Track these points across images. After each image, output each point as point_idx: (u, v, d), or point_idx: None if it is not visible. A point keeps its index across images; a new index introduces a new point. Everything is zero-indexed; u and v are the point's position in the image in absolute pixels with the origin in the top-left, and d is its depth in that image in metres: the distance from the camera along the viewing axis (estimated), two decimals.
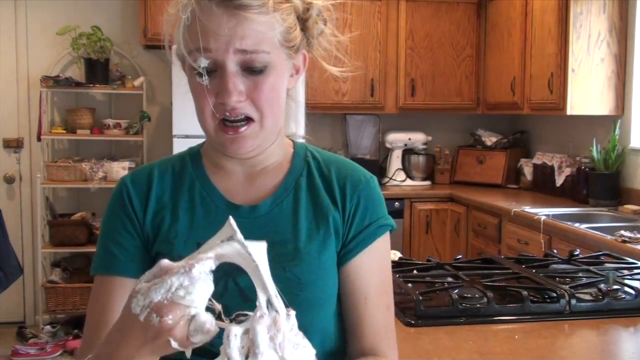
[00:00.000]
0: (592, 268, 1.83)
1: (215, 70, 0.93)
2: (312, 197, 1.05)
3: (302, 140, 1.15)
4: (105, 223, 1.05)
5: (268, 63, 0.94)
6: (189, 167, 1.07)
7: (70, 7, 4.37)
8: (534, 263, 1.92)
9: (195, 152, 1.10)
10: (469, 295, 1.56)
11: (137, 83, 4.31)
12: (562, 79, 3.53)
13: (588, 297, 1.60)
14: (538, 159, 4.18)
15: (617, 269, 1.85)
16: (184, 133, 3.91)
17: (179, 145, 3.89)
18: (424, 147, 4.68)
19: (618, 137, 3.46)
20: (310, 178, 1.06)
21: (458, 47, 4.57)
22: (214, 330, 0.72)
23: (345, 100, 4.44)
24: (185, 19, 0.92)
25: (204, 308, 0.73)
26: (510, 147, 4.60)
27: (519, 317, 1.52)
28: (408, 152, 4.66)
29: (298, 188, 1.05)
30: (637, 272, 1.84)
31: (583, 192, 3.60)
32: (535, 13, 3.82)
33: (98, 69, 4.24)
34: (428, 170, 4.72)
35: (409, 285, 1.64)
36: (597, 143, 3.54)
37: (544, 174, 4.07)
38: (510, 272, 1.81)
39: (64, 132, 4.28)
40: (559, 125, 4.24)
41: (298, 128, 1.18)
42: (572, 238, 2.90)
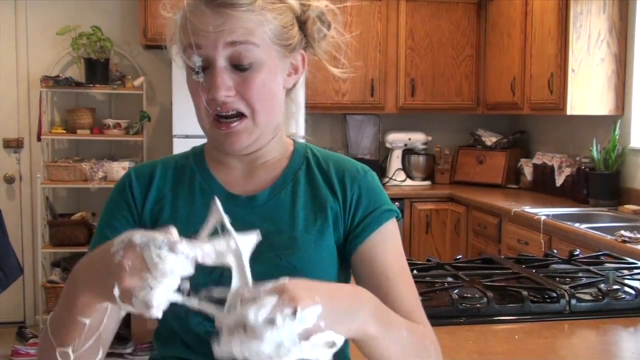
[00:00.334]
0: (592, 268, 1.83)
1: (208, 67, 0.97)
2: (310, 189, 1.07)
3: (302, 141, 1.17)
4: (104, 210, 1.10)
5: (256, 59, 0.96)
6: (192, 162, 1.11)
7: (70, 7, 4.37)
8: (534, 263, 1.92)
9: (199, 150, 1.14)
10: (469, 295, 1.56)
11: (137, 83, 4.31)
12: (562, 79, 3.53)
13: (588, 297, 1.60)
14: (538, 159, 4.18)
15: (617, 269, 1.85)
16: (184, 133, 3.91)
17: (179, 145, 3.89)
18: (424, 147, 4.68)
19: (618, 137, 3.46)
20: (309, 172, 1.09)
21: (458, 47, 4.57)
22: (155, 313, 0.72)
23: (345, 100, 4.44)
24: (178, 18, 0.97)
25: (167, 283, 0.71)
26: (510, 147, 4.61)
27: (519, 317, 1.52)
28: (408, 152, 4.66)
29: (296, 181, 1.08)
30: (637, 272, 1.83)
31: (583, 192, 3.60)
32: (535, 13, 3.82)
33: (98, 69, 4.25)
34: (428, 170, 4.72)
35: None
36: (597, 143, 3.54)
37: (544, 174, 4.07)
38: (510, 272, 1.81)
39: (64, 132, 4.28)
40: (559, 125, 4.24)
41: (298, 128, 1.19)
42: (572, 238, 2.90)
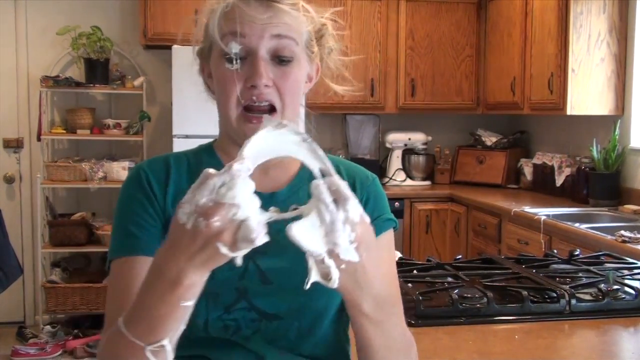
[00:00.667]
0: (592, 268, 1.83)
1: (246, 58, 0.99)
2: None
3: None
4: (123, 207, 1.04)
5: (295, 55, 1.01)
6: (204, 158, 1.10)
7: (70, 7, 4.37)
8: (534, 263, 1.92)
9: (208, 147, 1.13)
10: (469, 295, 1.56)
11: (137, 83, 4.31)
12: (562, 79, 3.53)
13: (588, 297, 1.60)
14: (538, 159, 4.18)
15: (617, 269, 1.85)
16: (184, 133, 3.91)
17: (179, 145, 3.88)
18: (424, 147, 4.68)
19: (618, 137, 3.46)
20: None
21: (458, 47, 4.57)
22: (260, 240, 0.73)
23: (345, 100, 4.44)
24: (224, 7, 1.00)
25: (249, 207, 0.73)
26: (510, 147, 4.60)
27: (519, 317, 1.52)
28: (408, 152, 4.66)
29: (313, 179, 1.09)
30: (637, 272, 1.83)
31: (583, 192, 3.60)
32: (535, 13, 3.82)
33: (98, 69, 4.25)
34: (428, 170, 4.72)
35: (409, 285, 1.64)
36: (597, 143, 3.54)
37: (544, 174, 4.07)
38: (510, 272, 1.81)
39: (64, 132, 4.28)
40: (559, 125, 4.24)
41: (298, 128, 1.19)
42: (572, 238, 2.90)
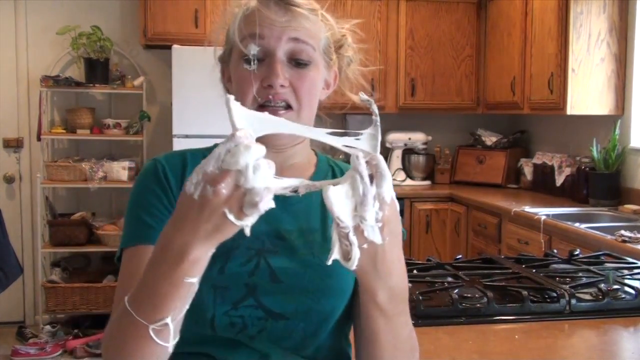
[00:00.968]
0: (592, 268, 1.83)
1: (264, 59, 1.01)
2: None
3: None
4: (137, 197, 1.05)
5: (312, 59, 1.03)
6: None
7: (70, 7, 4.37)
8: (534, 263, 1.92)
9: None
10: (469, 295, 1.56)
11: (137, 83, 4.31)
12: (562, 79, 3.53)
13: (588, 297, 1.60)
14: (538, 159, 4.18)
15: (617, 269, 1.85)
16: (184, 133, 3.91)
17: (179, 145, 3.88)
18: (424, 147, 4.68)
19: (618, 137, 3.46)
20: (335, 178, 1.11)
21: (458, 47, 4.57)
22: (267, 198, 0.73)
23: (346, 100, 4.43)
24: (245, 10, 1.02)
25: (256, 175, 0.73)
26: (510, 147, 4.61)
27: (519, 317, 1.52)
28: (408, 152, 4.66)
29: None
30: (637, 272, 1.83)
31: (583, 192, 3.60)
32: (535, 13, 3.82)
33: (98, 69, 4.25)
34: (428, 170, 4.72)
35: (409, 285, 1.63)
36: (597, 143, 3.54)
37: (544, 174, 4.07)
38: (510, 272, 1.81)
39: (64, 132, 4.28)
40: (559, 125, 4.24)
41: None
42: (572, 238, 2.90)
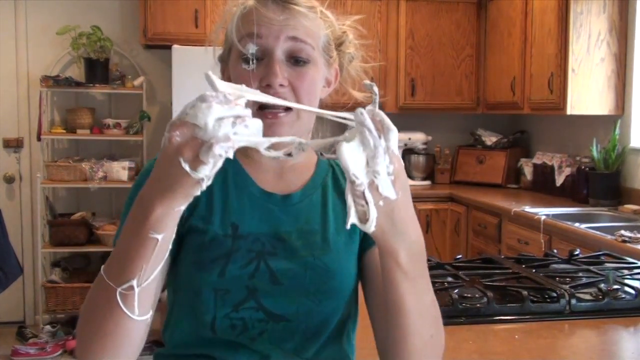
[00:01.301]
0: (592, 268, 1.83)
1: (262, 58, 1.00)
2: (338, 194, 1.11)
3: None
4: (136, 194, 1.05)
5: (312, 58, 1.02)
6: None
7: (70, 7, 4.37)
8: (534, 263, 1.92)
9: None
10: (469, 295, 1.56)
11: (137, 83, 4.31)
12: (562, 79, 3.53)
13: (588, 297, 1.60)
14: (538, 159, 4.18)
15: (617, 269, 1.85)
16: None
17: None
18: (424, 146, 4.68)
19: (618, 137, 3.46)
20: (335, 179, 1.13)
21: (458, 47, 4.57)
22: (228, 147, 0.74)
23: (345, 100, 4.43)
24: (243, 9, 1.02)
25: (216, 130, 0.74)
26: (510, 146, 4.60)
27: (519, 317, 1.52)
28: (408, 151, 4.66)
29: (325, 186, 1.11)
30: (637, 272, 1.83)
31: (583, 191, 3.60)
32: (535, 13, 3.82)
33: (98, 69, 4.24)
34: (428, 170, 4.72)
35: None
36: (597, 143, 3.54)
37: (544, 174, 4.07)
38: (510, 272, 1.81)
39: (64, 132, 4.28)
40: (559, 125, 4.24)
41: None
42: (572, 238, 2.90)
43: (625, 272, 1.83)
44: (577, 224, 2.96)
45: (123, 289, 0.82)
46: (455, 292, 1.56)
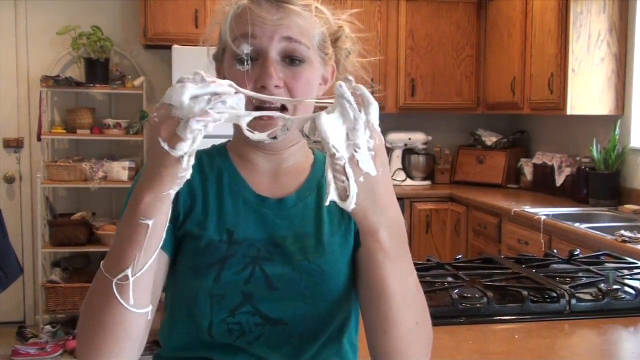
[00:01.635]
0: (592, 268, 1.83)
1: (257, 59, 0.99)
2: None
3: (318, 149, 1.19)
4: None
5: (307, 57, 1.01)
6: (217, 159, 1.10)
7: (70, 7, 4.37)
8: (534, 263, 1.92)
9: (221, 148, 1.13)
10: (469, 295, 1.56)
11: (137, 83, 4.31)
12: (562, 79, 3.53)
13: (588, 297, 1.60)
14: (538, 159, 4.18)
15: (617, 269, 1.85)
16: None
17: None
18: (424, 147, 4.68)
19: (618, 137, 3.47)
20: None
21: (458, 47, 4.57)
22: (205, 122, 0.76)
23: None
24: (236, 8, 1.00)
25: (192, 108, 0.76)
26: (510, 146, 4.61)
27: (519, 317, 1.52)
28: (408, 152, 4.66)
29: (320, 188, 1.10)
30: (637, 272, 1.83)
31: (583, 192, 3.60)
32: (535, 13, 3.82)
33: (98, 69, 4.25)
34: (428, 170, 4.72)
35: None
36: (597, 143, 3.54)
37: (544, 174, 4.07)
38: (510, 272, 1.81)
39: (64, 132, 4.28)
40: (559, 125, 4.24)
41: None
42: (572, 238, 2.90)
43: (625, 272, 1.83)
44: (577, 224, 2.96)
45: (118, 280, 0.82)
46: (455, 292, 1.56)
